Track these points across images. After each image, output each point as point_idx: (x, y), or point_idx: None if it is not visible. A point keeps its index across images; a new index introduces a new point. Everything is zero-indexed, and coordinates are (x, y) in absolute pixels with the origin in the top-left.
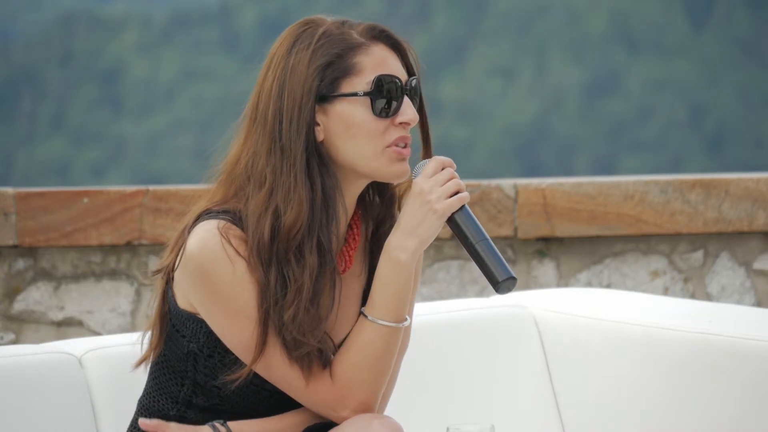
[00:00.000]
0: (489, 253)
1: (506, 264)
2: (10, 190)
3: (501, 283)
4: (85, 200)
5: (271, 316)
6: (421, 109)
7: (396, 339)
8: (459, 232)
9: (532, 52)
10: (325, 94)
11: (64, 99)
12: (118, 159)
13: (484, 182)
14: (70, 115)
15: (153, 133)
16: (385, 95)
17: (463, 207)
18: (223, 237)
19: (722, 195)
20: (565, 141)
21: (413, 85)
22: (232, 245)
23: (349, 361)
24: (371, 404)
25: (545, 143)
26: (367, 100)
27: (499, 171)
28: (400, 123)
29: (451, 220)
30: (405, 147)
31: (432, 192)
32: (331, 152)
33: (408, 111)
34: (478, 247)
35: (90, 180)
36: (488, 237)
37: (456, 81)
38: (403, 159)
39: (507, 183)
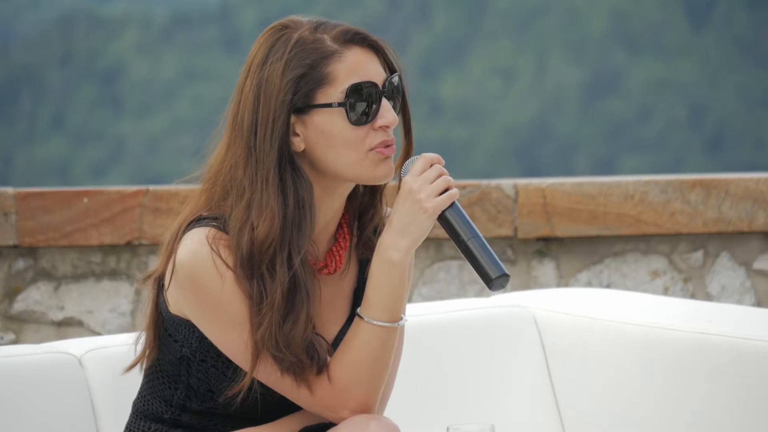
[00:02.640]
0: (481, 250)
1: (498, 261)
2: (10, 190)
3: (494, 281)
4: (85, 200)
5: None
6: (403, 103)
7: (392, 338)
8: (450, 229)
9: (532, 52)
10: (301, 105)
11: (64, 99)
12: (118, 159)
13: (484, 182)
14: (70, 115)
15: (153, 133)
16: (361, 102)
17: (453, 204)
18: (213, 249)
19: (722, 195)
20: (564, 141)
21: (394, 83)
22: (221, 257)
23: (346, 363)
24: (370, 405)
25: (545, 143)
26: (342, 110)
27: (499, 171)
28: (380, 126)
29: (441, 218)
30: (387, 147)
31: (421, 191)
32: (313, 161)
33: (387, 114)
34: (469, 244)
35: (90, 180)
36: (480, 234)
37: (456, 81)
38: (387, 158)
39: (507, 183)
